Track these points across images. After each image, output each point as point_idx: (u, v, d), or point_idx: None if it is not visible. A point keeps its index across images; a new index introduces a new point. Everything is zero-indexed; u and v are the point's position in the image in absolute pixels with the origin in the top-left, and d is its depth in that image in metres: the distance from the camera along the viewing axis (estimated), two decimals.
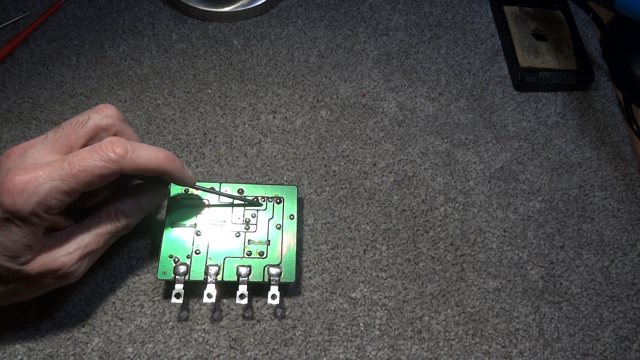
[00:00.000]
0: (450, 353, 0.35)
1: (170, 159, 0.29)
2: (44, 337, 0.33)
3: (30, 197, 0.25)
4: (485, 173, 0.41)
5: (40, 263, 0.28)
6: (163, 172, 0.29)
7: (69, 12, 0.45)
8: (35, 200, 0.26)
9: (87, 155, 0.27)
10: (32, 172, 0.26)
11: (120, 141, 0.28)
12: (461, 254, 0.38)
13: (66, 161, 0.26)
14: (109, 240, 0.31)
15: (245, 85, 0.43)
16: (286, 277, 0.33)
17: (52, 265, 0.28)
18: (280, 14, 0.47)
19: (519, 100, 0.45)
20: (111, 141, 0.27)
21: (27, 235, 0.26)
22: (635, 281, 0.38)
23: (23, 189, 0.25)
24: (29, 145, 0.28)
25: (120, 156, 0.27)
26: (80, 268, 0.30)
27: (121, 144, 0.27)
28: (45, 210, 0.26)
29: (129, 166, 0.28)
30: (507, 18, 0.47)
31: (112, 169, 0.27)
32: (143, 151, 0.28)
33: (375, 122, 0.42)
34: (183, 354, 0.33)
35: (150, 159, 0.28)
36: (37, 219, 0.26)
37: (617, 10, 0.38)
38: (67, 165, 0.26)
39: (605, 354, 0.36)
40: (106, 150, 0.27)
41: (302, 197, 0.39)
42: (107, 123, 0.30)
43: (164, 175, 0.30)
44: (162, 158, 0.29)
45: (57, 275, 0.29)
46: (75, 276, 0.30)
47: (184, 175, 0.31)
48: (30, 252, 0.27)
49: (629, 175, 0.42)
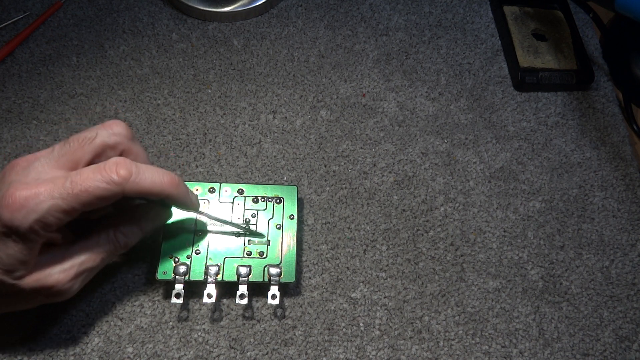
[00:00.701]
0: (450, 353, 0.35)
1: (175, 184, 0.29)
2: (44, 337, 0.33)
3: (29, 214, 0.25)
4: (485, 173, 0.41)
5: (35, 279, 0.27)
6: (167, 196, 0.29)
7: (69, 12, 0.45)
8: (34, 218, 0.25)
9: (90, 176, 0.26)
10: (33, 188, 0.25)
11: (125, 163, 0.27)
12: (461, 254, 0.38)
13: (68, 180, 0.26)
14: (105, 259, 0.30)
15: (245, 85, 0.43)
16: (286, 277, 0.33)
17: (46, 281, 0.28)
18: (280, 14, 0.47)
19: (519, 100, 0.45)
20: (116, 162, 0.27)
21: (23, 251, 0.26)
22: (635, 281, 0.38)
23: (23, 205, 0.25)
24: (35, 158, 0.28)
25: (124, 179, 0.27)
26: (75, 286, 0.29)
27: (126, 166, 0.27)
28: (43, 227, 0.26)
29: (132, 189, 0.27)
30: (507, 18, 0.47)
31: (114, 191, 0.27)
32: (148, 174, 0.28)
33: (375, 122, 0.42)
34: (183, 354, 0.33)
35: (155, 183, 0.28)
36: (35, 235, 0.26)
37: (617, 10, 0.38)
38: (68, 184, 0.26)
39: (605, 354, 0.36)
40: (110, 171, 0.26)
41: (302, 197, 0.39)
42: (115, 141, 0.29)
43: (168, 199, 0.29)
44: (167, 182, 0.28)
45: (51, 292, 0.28)
46: (69, 294, 0.29)
47: (187, 200, 0.30)
48: (24, 267, 0.27)
49: (629, 175, 0.42)
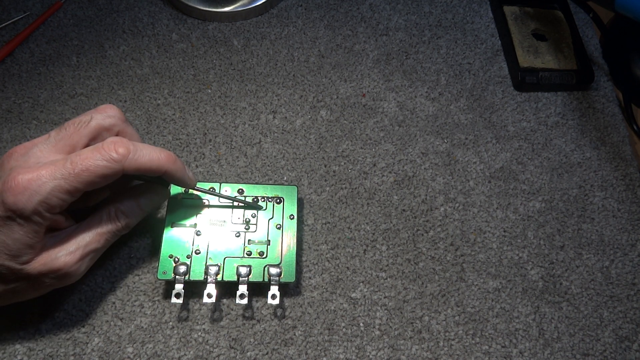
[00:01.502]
0: (450, 353, 0.35)
1: (172, 160, 0.30)
2: (44, 337, 0.33)
3: (32, 196, 0.26)
4: (485, 173, 0.41)
5: (41, 262, 0.28)
6: (164, 172, 0.29)
7: (69, 12, 0.45)
8: (38, 199, 0.26)
9: (90, 155, 0.27)
10: (35, 171, 0.26)
11: (123, 141, 0.28)
12: (461, 254, 0.38)
13: (69, 160, 0.26)
14: (109, 240, 0.31)
15: (245, 85, 0.43)
16: (286, 277, 0.33)
17: (53, 264, 0.28)
18: (280, 14, 0.47)
19: (519, 100, 0.45)
20: (114, 141, 0.28)
21: (28, 234, 0.26)
22: (635, 281, 0.38)
23: (26, 187, 0.25)
24: (32, 145, 0.28)
25: (123, 156, 0.27)
26: (81, 268, 0.30)
27: (124, 144, 0.28)
28: (47, 209, 0.26)
29: (130, 166, 0.28)
30: (507, 18, 0.47)
31: (115, 168, 0.27)
32: (145, 151, 0.28)
33: (375, 122, 0.42)
34: (183, 354, 0.33)
35: (152, 160, 0.29)
36: (39, 217, 0.26)
37: (617, 10, 0.38)
38: (69, 165, 0.26)
39: (605, 354, 0.36)
40: (109, 150, 0.27)
41: (302, 197, 0.39)
42: (110, 123, 0.30)
43: (165, 176, 0.30)
44: (164, 159, 0.29)
45: (58, 275, 0.29)
46: (76, 276, 0.30)
47: (184, 177, 0.31)
48: (31, 252, 0.27)
49: (629, 175, 0.42)
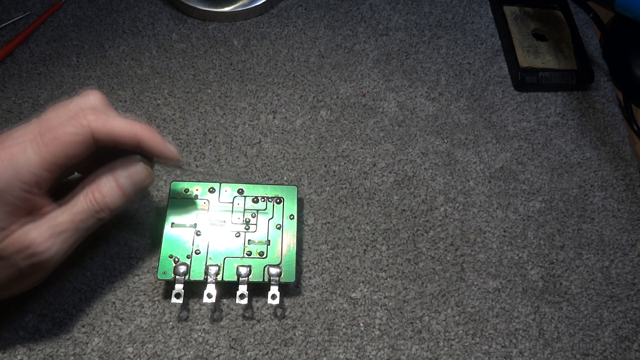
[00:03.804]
0: (450, 353, 0.35)
1: (148, 129, 0.28)
2: (44, 337, 0.33)
3: (3, 173, 0.25)
4: (485, 173, 0.41)
5: (10, 241, 0.26)
6: (140, 142, 0.28)
7: (69, 12, 0.45)
8: (9, 176, 0.25)
9: (58, 125, 0.26)
10: (7, 149, 0.26)
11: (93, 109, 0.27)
12: (461, 254, 0.38)
13: (39, 135, 0.26)
14: (84, 221, 0.29)
15: (245, 85, 0.43)
16: (286, 277, 0.33)
17: (22, 242, 0.26)
18: (280, 14, 0.47)
19: (519, 100, 0.45)
20: (83, 108, 0.27)
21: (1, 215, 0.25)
22: (635, 281, 0.38)
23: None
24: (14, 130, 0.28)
25: (91, 121, 0.26)
26: (52, 249, 0.27)
27: (93, 112, 0.27)
28: (21, 187, 0.25)
29: (100, 131, 0.27)
30: (507, 18, 0.47)
31: (84, 134, 0.26)
32: (117, 119, 0.27)
33: (375, 122, 0.42)
34: (183, 354, 0.33)
35: (126, 127, 0.28)
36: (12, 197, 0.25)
37: (617, 10, 0.38)
38: (39, 138, 0.26)
39: (605, 354, 0.36)
40: (77, 117, 0.26)
41: (302, 197, 0.39)
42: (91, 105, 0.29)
43: (142, 147, 0.29)
44: (139, 126, 0.28)
45: (27, 254, 0.27)
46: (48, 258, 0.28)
47: (164, 150, 0.30)
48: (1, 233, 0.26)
49: (629, 175, 0.42)
